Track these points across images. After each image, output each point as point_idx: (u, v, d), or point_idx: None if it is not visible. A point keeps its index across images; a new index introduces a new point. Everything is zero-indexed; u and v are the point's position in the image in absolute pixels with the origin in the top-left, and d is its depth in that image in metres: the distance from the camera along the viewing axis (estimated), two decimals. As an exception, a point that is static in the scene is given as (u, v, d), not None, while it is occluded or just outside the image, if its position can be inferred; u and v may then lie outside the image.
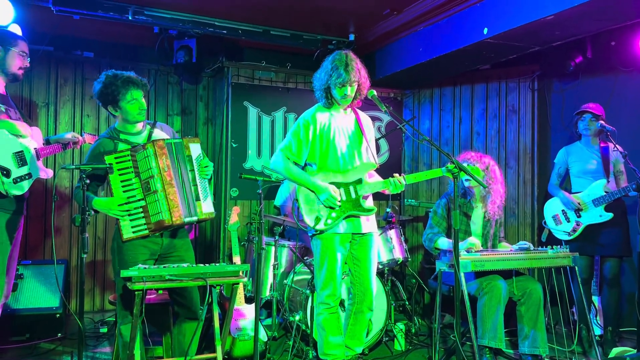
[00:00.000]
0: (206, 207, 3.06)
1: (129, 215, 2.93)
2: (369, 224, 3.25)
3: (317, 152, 3.19)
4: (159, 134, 3.13)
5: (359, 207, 3.17)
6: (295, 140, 3.19)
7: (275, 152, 3.27)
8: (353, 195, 3.17)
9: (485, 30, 3.94)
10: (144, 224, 2.94)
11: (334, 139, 3.18)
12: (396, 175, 3.18)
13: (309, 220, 3.14)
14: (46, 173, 3.23)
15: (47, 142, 3.31)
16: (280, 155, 3.22)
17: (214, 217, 3.15)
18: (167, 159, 2.95)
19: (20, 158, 3.04)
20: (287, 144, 3.21)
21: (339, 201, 3.12)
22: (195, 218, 3.02)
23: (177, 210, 2.93)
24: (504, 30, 3.78)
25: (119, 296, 3.00)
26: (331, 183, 3.15)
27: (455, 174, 3.00)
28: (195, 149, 3.07)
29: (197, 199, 3.03)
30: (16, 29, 3.89)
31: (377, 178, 3.33)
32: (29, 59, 3.22)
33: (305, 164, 3.26)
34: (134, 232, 2.93)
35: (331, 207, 3.12)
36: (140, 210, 2.94)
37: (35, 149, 3.14)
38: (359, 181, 3.20)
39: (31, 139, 3.14)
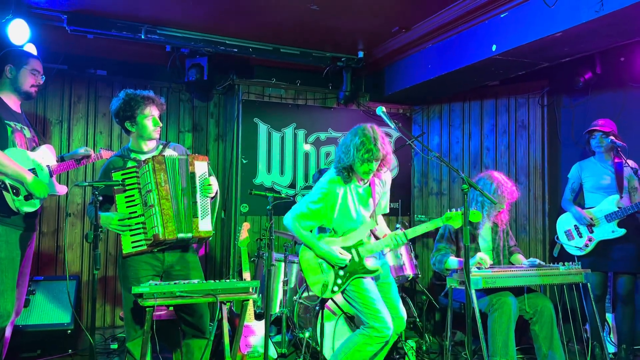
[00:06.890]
0: (203, 225, 3.03)
1: (130, 230, 2.96)
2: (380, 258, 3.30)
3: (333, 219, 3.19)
4: (170, 153, 3.14)
5: (363, 269, 3.17)
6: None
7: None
8: (356, 259, 3.17)
9: (494, 47, 3.96)
10: (143, 239, 2.96)
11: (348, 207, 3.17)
12: (397, 231, 3.20)
13: (315, 290, 3.18)
14: (61, 189, 3.27)
15: (62, 159, 3.36)
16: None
17: (213, 235, 3.14)
18: (164, 174, 2.98)
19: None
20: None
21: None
22: (189, 235, 3.00)
23: (170, 225, 2.93)
24: (513, 47, 3.80)
25: (126, 312, 3.01)
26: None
27: (466, 192, 2.99)
28: (200, 167, 3.07)
29: (195, 215, 3.01)
30: (31, 48, 3.96)
31: (383, 225, 3.39)
32: (42, 77, 3.26)
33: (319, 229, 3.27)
34: (133, 247, 2.96)
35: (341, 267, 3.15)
36: (141, 225, 2.97)
37: (48, 166, 3.18)
38: (360, 243, 3.20)
39: (43, 156, 3.18)
